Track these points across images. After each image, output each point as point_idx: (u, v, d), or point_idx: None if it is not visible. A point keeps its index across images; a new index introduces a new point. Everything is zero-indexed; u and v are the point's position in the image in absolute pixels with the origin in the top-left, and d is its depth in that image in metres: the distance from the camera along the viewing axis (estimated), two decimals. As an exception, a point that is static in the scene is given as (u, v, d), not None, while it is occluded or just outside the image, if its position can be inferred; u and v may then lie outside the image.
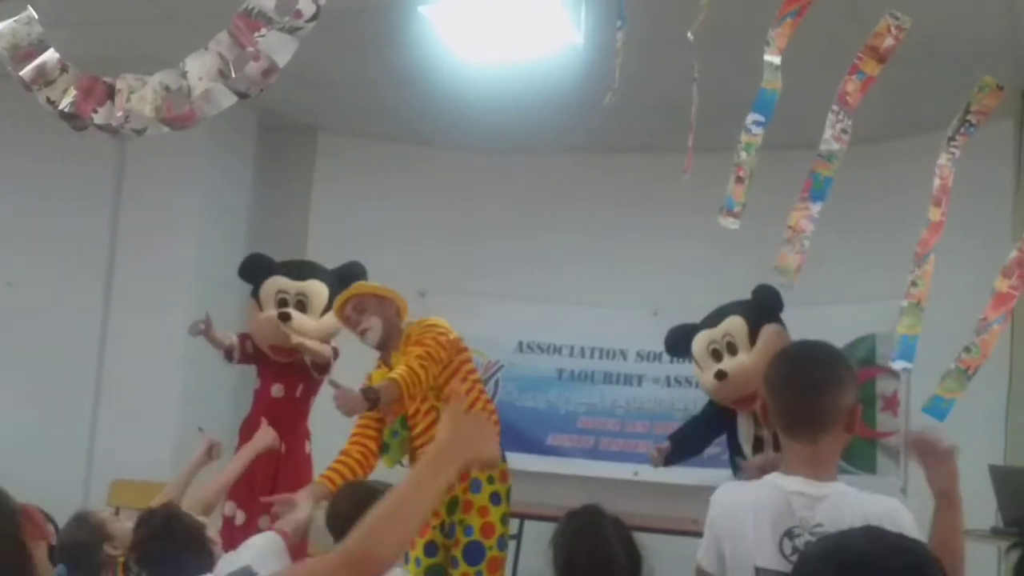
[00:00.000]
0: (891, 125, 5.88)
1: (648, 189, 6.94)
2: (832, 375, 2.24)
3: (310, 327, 5.17)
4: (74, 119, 1.84)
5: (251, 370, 5.44)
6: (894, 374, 6.07)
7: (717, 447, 6.34)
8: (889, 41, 2.35)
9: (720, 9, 2.76)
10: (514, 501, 4.50)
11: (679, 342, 5.25)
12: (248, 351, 5.30)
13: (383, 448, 4.20)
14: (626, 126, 6.58)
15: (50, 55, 1.84)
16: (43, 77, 1.82)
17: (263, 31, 1.76)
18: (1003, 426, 5.49)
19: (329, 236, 7.09)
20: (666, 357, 6.94)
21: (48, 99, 1.82)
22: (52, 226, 6.40)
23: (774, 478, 2.21)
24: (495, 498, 4.26)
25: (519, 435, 6.72)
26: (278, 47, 1.77)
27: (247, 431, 5.07)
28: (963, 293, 5.95)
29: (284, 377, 5.22)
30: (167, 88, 1.82)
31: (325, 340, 5.24)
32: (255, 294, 5.30)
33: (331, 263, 5.58)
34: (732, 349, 4.94)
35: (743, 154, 2.42)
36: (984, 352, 2.27)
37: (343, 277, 5.25)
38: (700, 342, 5.09)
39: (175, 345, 6.14)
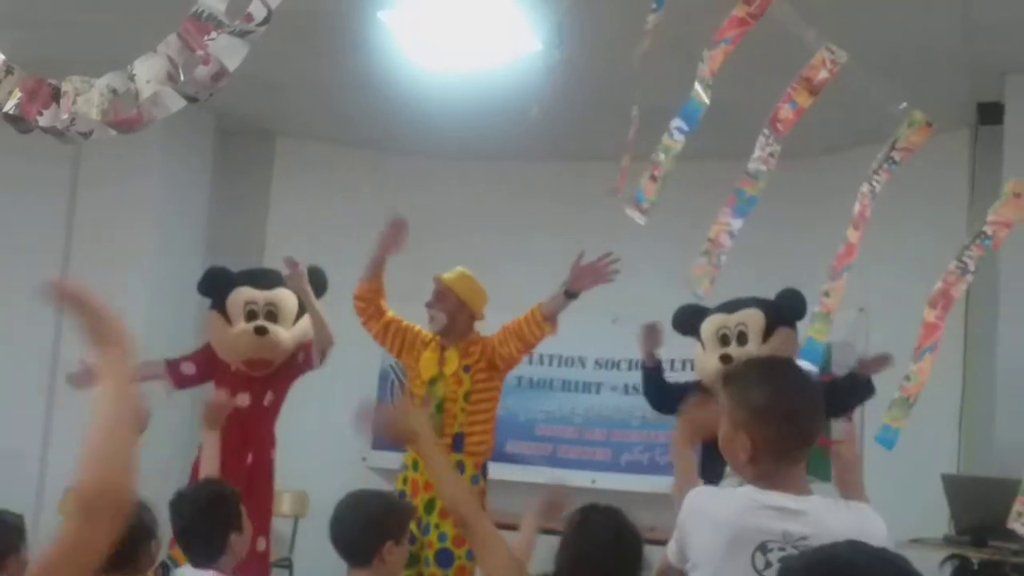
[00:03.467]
0: (848, 136, 5.92)
1: (603, 197, 6.95)
2: (817, 398, 2.27)
3: (285, 337, 5.08)
4: (19, 121, 1.80)
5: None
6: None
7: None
8: (824, 74, 2.40)
9: (676, 16, 2.77)
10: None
11: (688, 320, 5.21)
12: (186, 374, 5.13)
13: None
14: (582, 132, 6.59)
15: (-6, 56, 1.81)
16: (-13, 79, 1.79)
17: (213, 34, 1.74)
18: (956, 435, 5.54)
19: (287, 241, 7.03)
20: (624, 365, 6.97)
21: (-8, 101, 1.79)
22: (3, 239, 6.32)
23: (750, 491, 2.20)
24: None
25: (477, 442, 6.69)
26: (228, 51, 1.75)
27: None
28: (919, 300, 6.05)
29: (250, 386, 5.06)
30: (114, 91, 1.79)
31: (296, 347, 5.18)
32: (219, 307, 5.13)
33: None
34: (743, 339, 4.94)
35: (661, 156, 2.46)
36: (921, 380, 2.33)
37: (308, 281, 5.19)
38: (712, 323, 5.08)
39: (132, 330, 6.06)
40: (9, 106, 1.79)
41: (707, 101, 2.51)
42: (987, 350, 5.32)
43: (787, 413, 2.20)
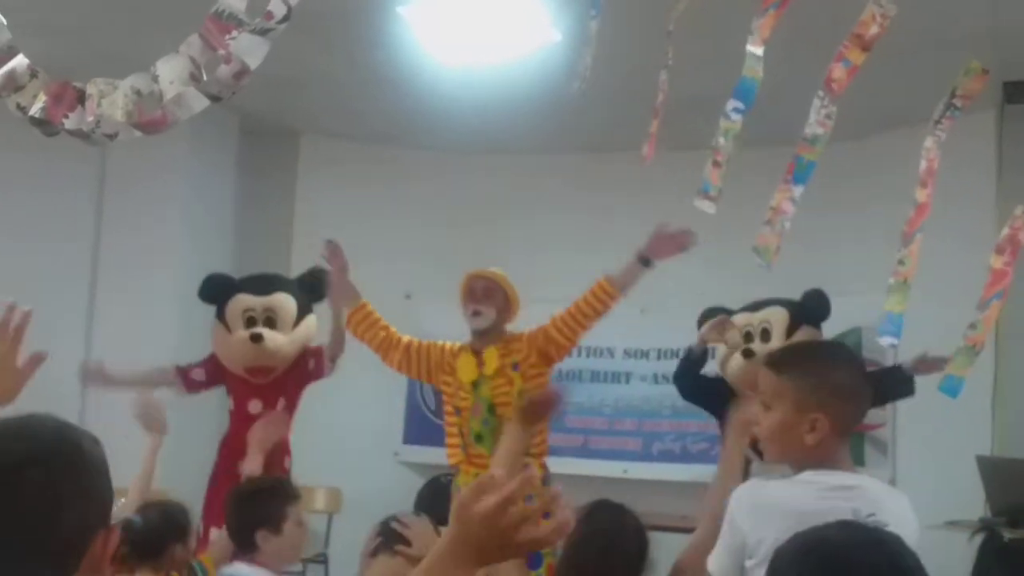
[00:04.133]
0: (874, 119, 5.88)
1: (633, 186, 6.93)
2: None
3: (282, 343, 5.04)
4: (45, 125, 1.82)
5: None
6: (881, 366, 6.09)
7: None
8: (874, 29, 2.36)
9: (693, 7, 2.75)
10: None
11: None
12: (196, 380, 5.15)
13: (478, 438, 4.44)
14: (607, 123, 6.57)
15: (19, 61, 1.82)
16: (13, 83, 1.80)
17: (234, 33, 1.75)
18: (990, 418, 5.49)
19: (314, 239, 7.00)
20: (653, 354, 6.95)
21: (18, 105, 1.81)
22: (32, 252, 6.35)
23: (812, 476, 2.21)
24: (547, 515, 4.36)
25: (508, 435, 6.71)
26: (249, 49, 1.75)
27: (227, 450, 4.98)
28: (947, 280, 5.99)
29: (262, 393, 5.05)
30: (138, 92, 1.80)
31: (299, 352, 5.15)
32: (220, 315, 5.14)
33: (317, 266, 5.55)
34: (766, 336, 4.95)
35: (721, 139, 2.43)
36: (986, 327, 2.30)
37: (307, 285, 5.18)
38: (736, 322, 5.08)
39: (163, 339, 6.09)
40: (35, 110, 1.80)
41: (760, 74, 2.46)
42: (1019, 333, 5.27)
43: (863, 390, 2.31)
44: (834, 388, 2.27)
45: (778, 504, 2.18)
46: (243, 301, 5.08)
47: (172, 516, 3.29)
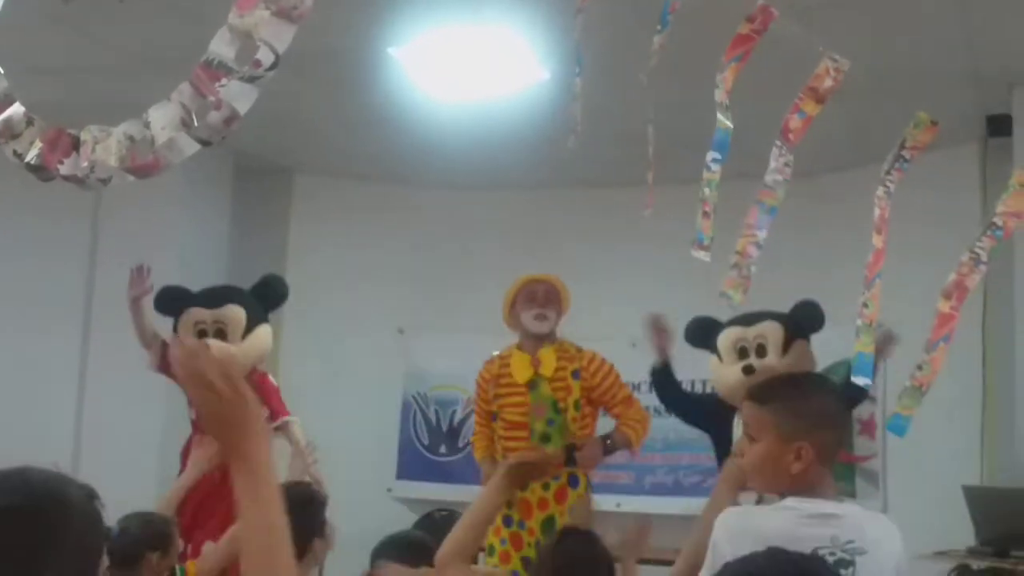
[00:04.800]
0: (861, 153, 5.95)
1: (622, 222, 6.99)
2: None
3: (232, 353, 4.90)
4: (40, 171, 1.87)
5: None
6: (870, 398, 6.13)
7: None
8: (828, 82, 2.46)
9: (680, 39, 2.82)
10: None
11: (701, 333, 5.18)
12: (171, 362, 5.17)
13: (544, 438, 4.36)
14: (597, 159, 6.65)
15: (15, 109, 1.87)
16: (9, 131, 1.85)
17: (224, 80, 1.80)
18: (979, 448, 5.54)
19: (308, 275, 7.12)
20: (646, 387, 6.96)
21: (15, 152, 1.86)
22: (28, 280, 6.40)
23: (794, 503, 2.26)
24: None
25: (502, 469, 6.74)
26: (239, 95, 1.81)
27: (185, 457, 4.90)
28: (932, 316, 6.06)
29: None
30: (131, 138, 1.85)
31: (254, 363, 5.05)
32: (175, 329, 5.12)
33: (312, 302, 5.61)
34: (762, 351, 4.94)
35: (706, 190, 2.53)
36: (934, 369, 2.38)
37: (261, 294, 5.17)
38: (728, 336, 5.06)
39: (154, 398, 6.10)
40: (31, 156, 1.86)
41: (730, 125, 2.57)
42: (1006, 364, 5.32)
43: (840, 419, 2.39)
44: (816, 416, 2.33)
45: (758, 530, 2.22)
46: (194, 314, 5.09)
47: (151, 524, 3.32)
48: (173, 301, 5.17)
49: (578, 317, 7.05)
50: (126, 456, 6.16)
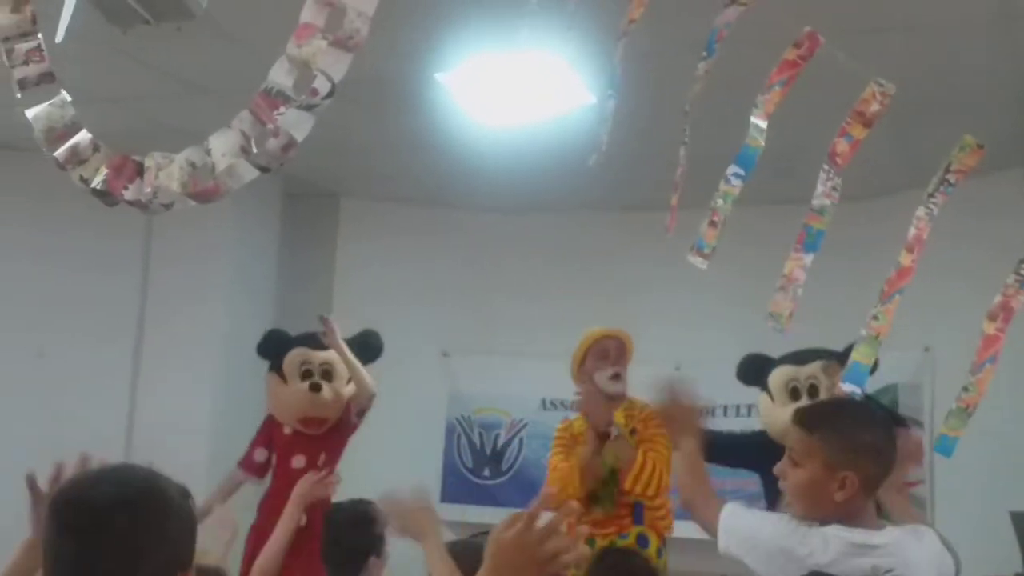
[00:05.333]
0: (908, 177, 5.93)
1: (666, 244, 7.00)
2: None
3: (340, 394, 5.20)
4: (106, 196, 1.94)
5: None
6: (918, 423, 6.09)
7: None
8: (875, 107, 2.49)
9: (726, 64, 2.85)
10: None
11: (752, 370, 5.15)
12: (258, 461, 5.29)
13: (595, 499, 4.18)
14: (639, 182, 6.67)
15: (83, 136, 1.94)
16: (76, 157, 1.92)
17: (282, 109, 1.86)
18: (1027, 473, 5.49)
19: (354, 299, 7.19)
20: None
21: (81, 177, 1.93)
22: (81, 297, 6.50)
23: (838, 531, 2.28)
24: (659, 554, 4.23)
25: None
26: (296, 123, 1.86)
27: (268, 508, 5.04)
28: (978, 338, 6.00)
29: (304, 448, 5.17)
30: (193, 164, 1.91)
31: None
32: (276, 368, 5.30)
33: (357, 326, 5.64)
34: (814, 392, 4.92)
35: (720, 201, 2.56)
36: (980, 390, 2.39)
37: (362, 345, 5.30)
38: (781, 375, 5.03)
39: (203, 415, 6.21)
40: (97, 182, 1.92)
41: (762, 144, 2.59)
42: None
43: (890, 449, 2.37)
44: (864, 447, 2.33)
45: (800, 559, 2.25)
46: (301, 354, 5.27)
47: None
48: (276, 343, 5.33)
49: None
50: (174, 475, 6.21)
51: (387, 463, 6.70)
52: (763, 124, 2.54)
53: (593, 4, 3.21)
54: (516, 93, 5.04)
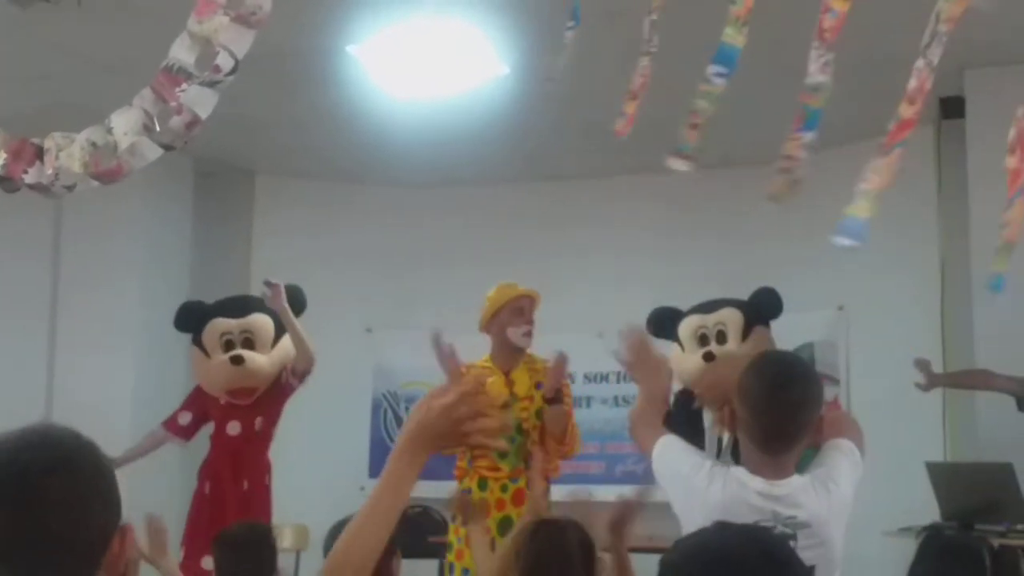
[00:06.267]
0: (822, 135, 6.02)
1: (584, 213, 7.06)
2: (809, 394, 2.38)
3: (263, 363, 5.08)
4: (5, 181, 1.88)
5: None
6: (834, 380, 6.22)
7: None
8: None
9: (664, 25, 2.84)
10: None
11: (664, 322, 5.20)
12: (183, 424, 5.21)
13: (501, 455, 4.45)
14: (558, 152, 6.69)
15: (-23, 120, 1.89)
16: (-28, 142, 1.87)
17: (184, 86, 1.82)
18: (941, 425, 5.63)
19: (272, 275, 7.10)
20: (613, 378, 7.04)
21: (-22, 163, 1.87)
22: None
23: (740, 474, 2.31)
24: None
25: (472, 461, 6.78)
26: (199, 100, 1.83)
27: (207, 474, 5.04)
28: (895, 297, 6.15)
29: (239, 415, 5.09)
30: (94, 144, 1.87)
31: (279, 371, 5.14)
32: (197, 341, 5.18)
33: (278, 304, 5.59)
34: (722, 338, 4.97)
35: (701, 102, 2.47)
36: (1016, 224, 2.36)
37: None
38: (689, 324, 5.09)
39: (123, 392, 6.11)
40: (-5, 167, 1.87)
41: (741, 42, 2.51)
42: (965, 338, 5.41)
43: (758, 405, 2.37)
44: (740, 391, 2.40)
45: (702, 494, 2.37)
46: (220, 325, 5.11)
47: None
48: (194, 315, 5.19)
49: (544, 309, 7.10)
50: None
51: (314, 440, 6.68)
52: (744, 19, 2.46)
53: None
54: (430, 65, 5.01)
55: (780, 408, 2.34)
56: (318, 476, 6.83)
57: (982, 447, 5.13)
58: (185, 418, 5.23)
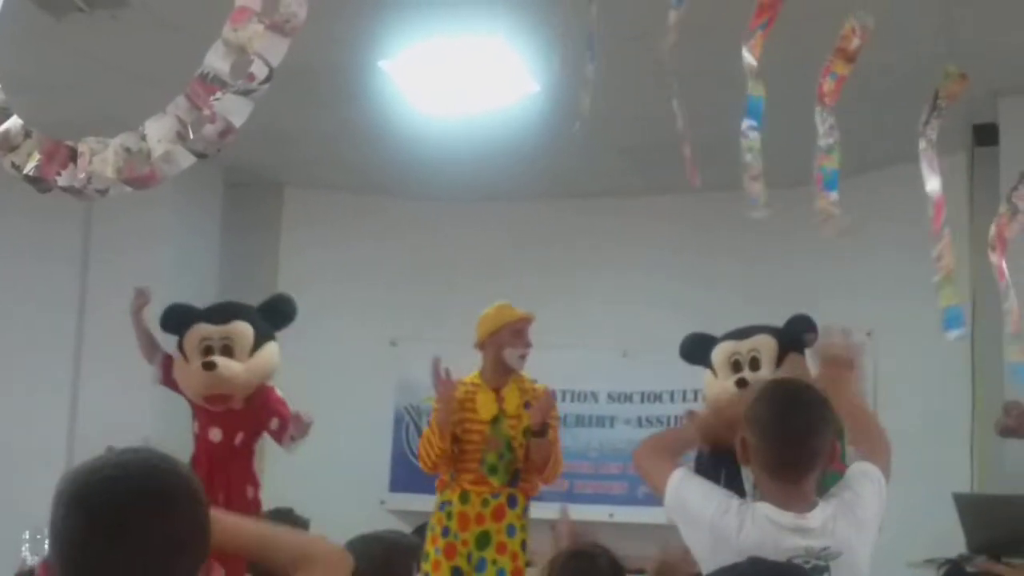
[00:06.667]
0: (844, 165, 5.99)
1: (612, 231, 7.05)
2: (817, 419, 2.34)
3: (237, 370, 4.87)
4: (39, 182, 1.89)
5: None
6: (861, 407, 6.15)
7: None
8: (856, 42, 2.49)
9: (686, 50, 2.85)
10: (488, 548, 4.55)
11: (696, 349, 5.17)
12: (175, 378, 5.01)
13: (491, 469, 4.54)
14: (587, 170, 6.69)
15: (14, 122, 1.90)
16: (8, 143, 1.87)
17: (218, 94, 1.83)
18: (968, 456, 5.57)
19: (299, 290, 7.08)
20: (637, 398, 7.02)
21: (13, 163, 1.88)
22: (20, 287, 6.41)
23: (765, 509, 2.28)
24: (523, 545, 4.54)
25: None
26: (233, 109, 1.83)
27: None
28: (925, 324, 6.09)
29: (222, 422, 4.91)
30: (128, 150, 1.87)
31: (262, 381, 4.93)
32: (180, 346, 5.00)
33: (302, 316, 5.54)
34: (755, 364, 4.92)
35: (748, 156, 2.53)
36: (1016, 317, 2.40)
37: (270, 312, 5.14)
38: (723, 350, 5.05)
39: (146, 406, 6.11)
40: (29, 168, 1.88)
41: (762, 92, 2.57)
42: (995, 370, 5.35)
43: (766, 432, 2.34)
44: (748, 419, 2.37)
45: (729, 538, 2.31)
46: (201, 330, 5.02)
47: None
48: (179, 318, 5.13)
49: (570, 327, 7.11)
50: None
51: (336, 452, 6.67)
52: (756, 70, 2.51)
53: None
54: (461, 81, 5.01)
55: (789, 434, 2.32)
56: (338, 489, 6.84)
57: (1010, 479, 5.07)
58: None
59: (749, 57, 2.56)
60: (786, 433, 2.30)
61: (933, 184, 2.50)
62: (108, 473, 1.39)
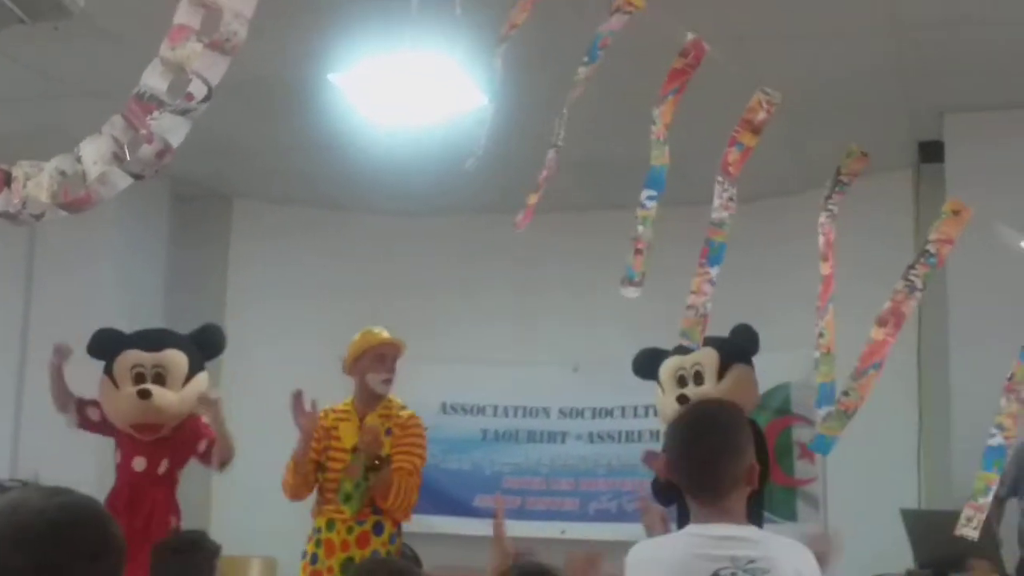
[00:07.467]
0: (795, 179, 6.04)
1: (564, 247, 7.04)
2: (725, 443, 2.31)
3: (172, 400, 4.87)
4: (-30, 207, 1.84)
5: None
6: (810, 422, 6.19)
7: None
8: (762, 115, 2.52)
9: (629, 68, 2.84)
10: (442, 564, 4.51)
11: (646, 364, 5.21)
12: (91, 419, 4.98)
13: (346, 497, 4.49)
14: (534, 184, 6.65)
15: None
16: (-62, 167, 1.82)
17: (156, 114, 1.78)
18: (916, 472, 5.61)
19: (248, 303, 7.05)
20: (588, 413, 7.01)
21: (-56, 188, 1.82)
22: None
23: (690, 528, 2.26)
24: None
25: (445, 498, 6.70)
26: (171, 129, 1.79)
27: (111, 507, 4.71)
28: (863, 339, 6.13)
29: (147, 451, 4.87)
30: (63, 173, 1.82)
31: (190, 410, 4.94)
32: (108, 371, 4.95)
33: (251, 331, 5.52)
34: (699, 379, 4.95)
35: (640, 228, 2.56)
36: (862, 395, 2.42)
37: (201, 342, 5.08)
38: (669, 366, 5.09)
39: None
40: (-40, 193, 1.82)
41: (667, 161, 2.61)
42: (941, 387, 5.41)
43: (675, 454, 2.33)
44: (665, 440, 2.39)
45: (657, 558, 2.25)
46: (132, 356, 4.93)
47: None
48: (107, 343, 5.01)
49: (521, 342, 7.09)
50: (64, 474, 6.03)
51: (279, 469, 6.58)
52: (663, 138, 2.55)
53: (482, 6, 3.18)
54: (410, 94, 4.98)
55: (700, 457, 2.32)
56: (285, 507, 6.73)
57: (957, 495, 5.10)
58: (95, 414, 5.00)
59: (659, 123, 2.60)
60: (697, 456, 2.31)
61: (825, 267, 2.53)
62: (52, 517, 1.38)
